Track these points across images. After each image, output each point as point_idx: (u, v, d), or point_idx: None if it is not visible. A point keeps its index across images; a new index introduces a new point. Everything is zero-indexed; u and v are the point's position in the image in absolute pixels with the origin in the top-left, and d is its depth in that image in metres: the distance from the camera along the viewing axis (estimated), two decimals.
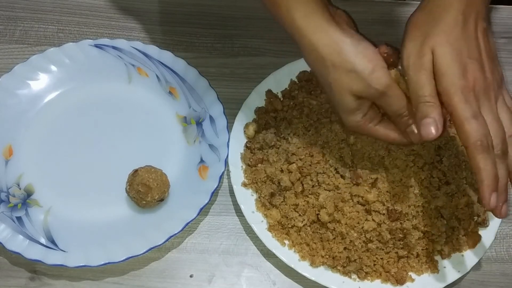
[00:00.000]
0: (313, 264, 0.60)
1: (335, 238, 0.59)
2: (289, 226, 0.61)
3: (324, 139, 0.61)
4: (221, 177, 0.62)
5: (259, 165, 0.63)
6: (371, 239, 0.59)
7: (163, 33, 0.75)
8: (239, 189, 0.63)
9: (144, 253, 0.58)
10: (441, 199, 0.59)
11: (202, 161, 0.65)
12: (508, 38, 0.77)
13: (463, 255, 0.61)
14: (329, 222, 0.59)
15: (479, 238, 0.61)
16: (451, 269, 0.61)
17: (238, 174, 0.64)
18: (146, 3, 0.77)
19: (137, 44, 0.70)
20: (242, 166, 0.65)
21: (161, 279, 0.60)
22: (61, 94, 0.68)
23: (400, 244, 0.59)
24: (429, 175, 0.60)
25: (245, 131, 0.66)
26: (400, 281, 0.59)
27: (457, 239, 0.61)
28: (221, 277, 0.61)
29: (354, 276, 0.60)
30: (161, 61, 0.70)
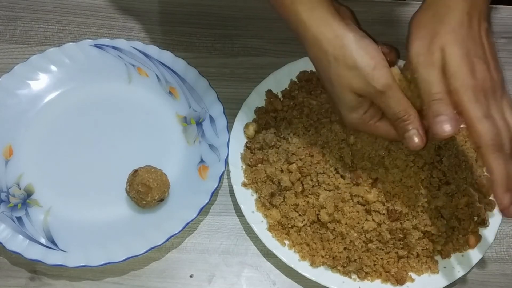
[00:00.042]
0: (313, 264, 0.60)
1: (335, 238, 0.59)
2: (289, 226, 0.61)
3: (324, 139, 0.61)
4: (221, 177, 0.62)
5: (259, 165, 0.63)
6: (371, 239, 0.59)
7: (163, 33, 0.75)
8: (239, 189, 0.63)
9: (144, 253, 0.59)
10: (441, 199, 0.59)
11: (202, 161, 0.65)
12: (508, 38, 0.77)
13: (463, 255, 0.61)
14: (329, 222, 0.59)
15: (479, 238, 0.61)
16: (451, 269, 0.61)
17: (238, 174, 0.64)
18: (146, 3, 0.77)
19: (137, 44, 0.70)
20: (242, 166, 0.65)
21: (161, 279, 0.60)
22: (61, 94, 0.68)
23: (400, 244, 0.59)
24: (429, 175, 0.60)
25: (245, 131, 0.66)
26: (400, 281, 0.59)
27: (457, 239, 0.61)
28: (221, 277, 0.61)
29: (354, 276, 0.60)
30: (161, 61, 0.70)
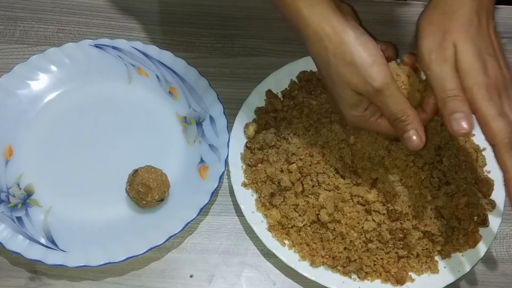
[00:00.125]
0: (313, 264, 0.60)
1: (335, 238, 0.59)
2: (289, 226, 0.61)
3: (324, 139, 0.61)
4: (221, 177, 0.62)
5: (259, 165, 0.63)
6: (371, 239, 0.59)
7: (163, 33, 0.75)
8: (239, 189, 0.63)
9: (144, 253, 0.58)
10: (441, 199, 0.59)
11: (202, 161, 0.65)
12: (508, 38, 0.77)
13: (463, 255, 0.61)
14: (329, 222, 0.59)
15: (479, 238, 0.61)
16: (451, 269, 0.61)
17: (238, 174, 0.64)
18: (146, 3, 0.77)
19: (137, 44, 0.70)
20: (242, 166, 0.65)
21: (161, 279, 0.60)
22: (61, 94, 0.68)
23: (400, 244, 0.59)
24: (429, 175, 0.60)
25: (245, 131, 0.66)
26: (400, 281, 0.59)
27: (457, 239, 0.61)
28: (221, 277, 0.61)
29: (354, 276, 0.60)
30: (161, 61, 0.70)
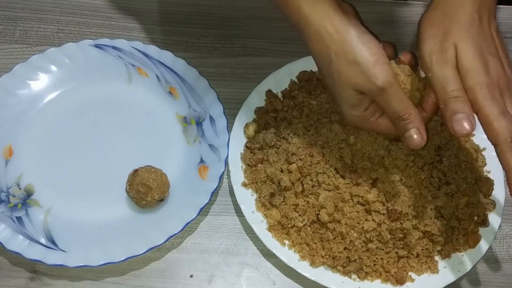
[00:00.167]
0: (313, 264, 0.60)
1: (335, 238, 0.59)
2: (289, 226, 0.61)
3: (324, 139, 0.61)
4: (221, 177, 0.62)
5: (259, 165, 0.63)
6: (371, 239, 0.59)
7: (163, 33, 0.75)
8: (239, 189, 0.63)
9: (144, 253, 0.58)
10: (441, 199, 0.59)
11: (202, 161, 0.65)
12: (508, 38, 0.77)
13: (463, 255, 0.61)
14: (329, 222, 0.59)
15: (479, 238, 0.61)
16: (451, 269, 0.61)
17: (238, 174, 0.64)
18: (146, 3, 0.77)
19: (137, 44, 0.70)
20: (242, 166, 0.65)
21: (161, 279, 0.60)
22: (61, 94, 0.68)
23: (400, 244, 0.59)
24: (429, 175, 0.60)
25: (245, 131, 0.66)
26: (400, 281, 0.59)
27: (457, 239, 0.61)
28: (221, 277, 0.61)
29: (354, 276, 0.60)
30: (161, 61, 0.70)
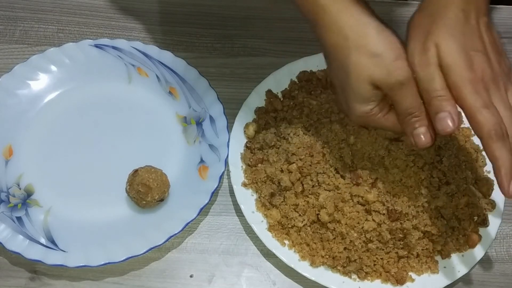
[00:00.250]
0: (313, 264, 0.60)
1: (335, 238, 0.59)
2: (289, 226, 0.61)
3: (324, 139, 0.61)
4: (221, 177, 0.62)
5: (259, 165, 0.63)
6: (371, 239, 0.59)
7: (163, 33, 0.75)
8: (239, 189, 0.63)
9: (144, 253, 0.58)
10: (441, 199, 0.59)
11: (202, 161, 0.65)
12: (508, 38, 0.77)
13: (463, 255, 0.61)
14: (329, 222, 0.59)
15: (479, 238, 0.61)
16: (451, 269, 0.61)
17: (238, 174, 0.64)
18: (146, 3, 0.77)
19: (137, 44, 0.70)
20: (242, 166, 0.65)
21: (161, 279, 0.60)
22: (61, 94, 0.68)
23: (400, 244, 0.59)
24: (429, 175, 0.60)
25: (245, 131, 0.66)
26: (400, 281, 0.59)
27: (457, 239, 0.61)
28: (221, 277, 0.61)
29: (354, 276, 0.60)
30: (161, 61, 0.70)
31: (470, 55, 0.50)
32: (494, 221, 0.63)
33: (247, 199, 0.63)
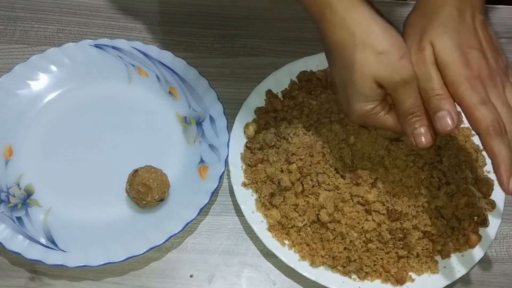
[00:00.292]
0: (313, 264, 0.60)
1: (335, 238, 0.59)
2: (289, 226, 0.61)
3: (324, 139, 0.61)
4: (221, 177, 0.62)
5: (259, 165, 0.63)
6: (371, 239, 0.59)
7: (163, 33, 0.75)
8: (239, 189, 0.63)
9: (144, 253, 0.58)
10: (441, 199, 0.59)
11: (202, 161, 0.65)
12: (508, 38, 0.77)
13: (463, 255, 0.61)
14: (329, 222, 0.59)
15: (479, 238, 0.61)
16: (451, 269, 0.61)
17: (238, 174, 0.64)
18: (146, 3, 0.77)
19: (137, 44, 0.70)
20: (242, 166, 0.65)
21: (161, 279, 0.60)
22: (61, 94, 0.68)
23: (400, 244, 0.59)
24: (429, 175, 0.60)
25: (245, 131, 0.66)
26: (400, 281, 0.59)
27: (457, 239, 0.61)
28: (221, 277, 0.61)
29: (354, 276, 0.60)
30: (161, 61, 0.70)
31: (466, 52, 0.50)
32: (494, 221, 0.63)
33: (247, 199, 0.63)
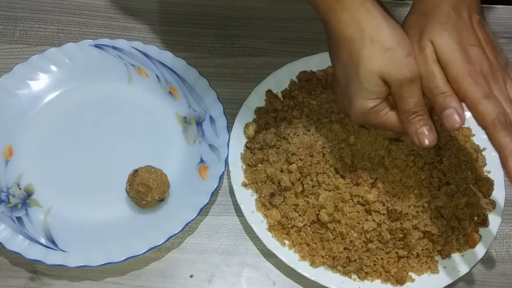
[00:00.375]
0: (313, 264, 0.60)
1: (335, 238, 0.59)
2: (289, 226, 0.61)
3: (324, 139, 0.61)
4: (221, 177, 0.62)
5: (259, 165, 0.63)
6: (371, 239, 0.59)
7: (163, 33, 0.75)
8: (239, 189, 0.63)
9: (144, 253, 0.58)
10: (441, 199, 0.59)
11: (202, 161, 0.65)
12: (508, 38, 0.77)
13: (463, 255, 0.61)
14: (329, 222, 0.59)
15: (479, 238, 0.61)
16: (451, 269, 0.61)
17: (238, 174, 0.64)
18: (146, 3, 0.77)
19: (137, 44, 0.70)
20: (242, 166, 0.65)
21: (161, 279, 0.60)
22: (61, 94, 0.68)
23: (400, 244, 0.59)
24: (429, 175, 0.60)
25: (245, 131, 0.66)
26: (400, 281, 0.59)
27: (457, 239, 0.61)
28: (221, 277, 0.61)
29: (354, 276, 0.60)
30: (161, 61, 0.70)
31: (467, 49, 0.50)
32: (494, 221, 0.63)
33: (247, 199, 0.63)
